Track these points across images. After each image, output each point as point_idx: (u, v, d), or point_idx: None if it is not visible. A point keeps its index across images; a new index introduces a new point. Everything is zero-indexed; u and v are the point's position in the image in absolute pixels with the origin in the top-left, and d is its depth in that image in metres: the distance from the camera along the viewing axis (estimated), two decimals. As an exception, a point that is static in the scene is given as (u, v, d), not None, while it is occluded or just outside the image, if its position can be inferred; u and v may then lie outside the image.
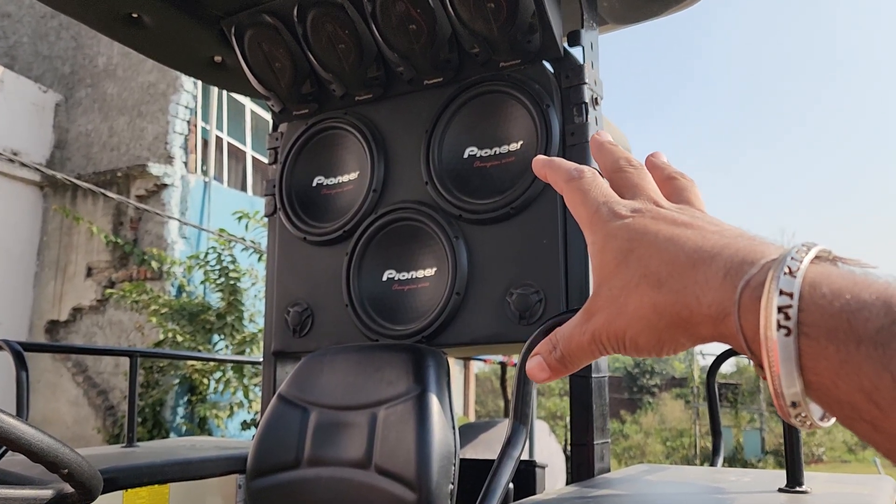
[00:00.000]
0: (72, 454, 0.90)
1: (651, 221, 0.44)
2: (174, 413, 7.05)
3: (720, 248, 0.39)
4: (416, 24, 1.69)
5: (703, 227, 0.42)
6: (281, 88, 1.95)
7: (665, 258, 0.41)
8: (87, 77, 8.70)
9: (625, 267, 0.43)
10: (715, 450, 1.74)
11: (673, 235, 0.42)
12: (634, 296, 0.42)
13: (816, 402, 0.35)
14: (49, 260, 8.28)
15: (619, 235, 0.44)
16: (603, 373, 1.54)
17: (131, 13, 1.89)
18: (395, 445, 1.48)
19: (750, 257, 0.37)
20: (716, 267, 0.38)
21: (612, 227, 0.45)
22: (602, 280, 0.45)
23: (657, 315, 0.41)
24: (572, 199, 0.50)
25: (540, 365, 0.49)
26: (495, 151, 1.69)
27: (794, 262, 0.35)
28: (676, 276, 0.40)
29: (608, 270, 0.44)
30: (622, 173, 0.51)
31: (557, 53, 1.64)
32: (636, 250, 0.43)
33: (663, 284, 0.40)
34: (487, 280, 1.65)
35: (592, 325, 0.45)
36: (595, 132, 0.55)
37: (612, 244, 0.44)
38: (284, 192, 1.96)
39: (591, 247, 0.47)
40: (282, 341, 1.93)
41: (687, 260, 0.40)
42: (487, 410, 21.71)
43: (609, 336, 0.44)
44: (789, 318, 0.33)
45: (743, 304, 0.36)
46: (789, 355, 0.33)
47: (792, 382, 0.34)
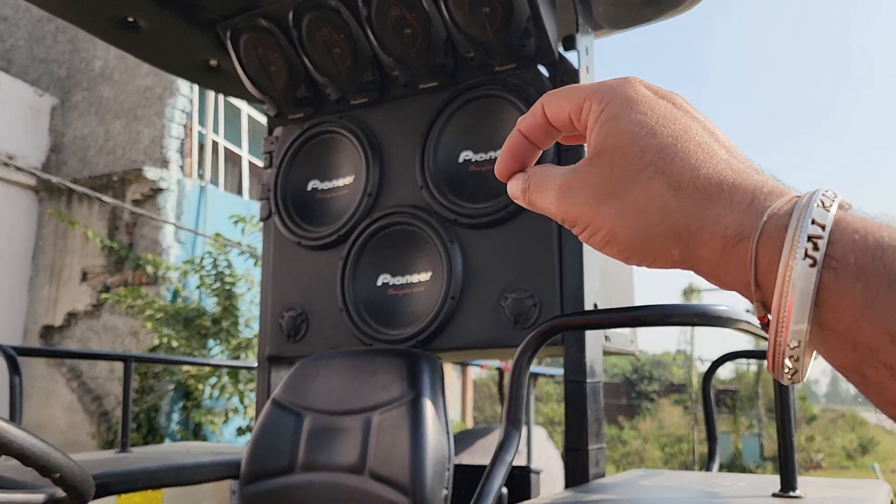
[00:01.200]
0: (64, 458, 0.90)
1: (678, 111, 0.40)
2: (169, 419, 7.03)
3: (748, 174, 0.37)
4: (411, 28, 1.69)
5: (730, 148, 0.39)
6: (276, 92, 1.95)
7: (691, 163, 0.37)
8: (83, 81, 8.68)
9: (639, 149, 0.38)
10: (710, 455, 1.74)
11: (703, 142, 0.38)
12: (641, 187, 0.38)
13: (823, 343, 0.33)
14: (44, 264, 8.26)
15: (642, 110, 0.39)
16: (598, 378, 1.53)
17: (127, 17, 1.89)
18: (389, 450, 1.47)
19: (779, 190, 0.35)
20: (743, 189, 0.36)
21: (632, 95, 0.40)
22: (603, 150, 0.40)
23: (661, 217, 0.37)
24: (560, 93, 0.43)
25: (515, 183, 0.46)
26: (490, 156, 1.69)
27: (826, 198, 0.33)
28: (699, 186, 0.36)
29: (615, 142, 0.39)
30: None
31: (553, 58, 1.65)
32: (659, 135, 0.38)
33: (681, 190, 0.37)
34: (482, 285, 1.64)
35: (570, 196, 0.41)
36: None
37: (631, 115, 0.39)
38: (279, 197, 1.96)
39: (601, 113, 0.40)
40: (276, 346, 1.93)
41: (714, 174, 0.37)
42: (485, 416, 21.68)
43: (583, 218, 0.40)
44: (817, 248, 0.32)
45: (766, 231, 0.34)
46: (808, 288, 0.32)
47: (802, 318, 0.32)
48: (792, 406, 1.19)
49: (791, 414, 1.18)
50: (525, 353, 1.01)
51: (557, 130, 0.45)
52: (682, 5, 1.74)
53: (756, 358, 2.09)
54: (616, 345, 1.73)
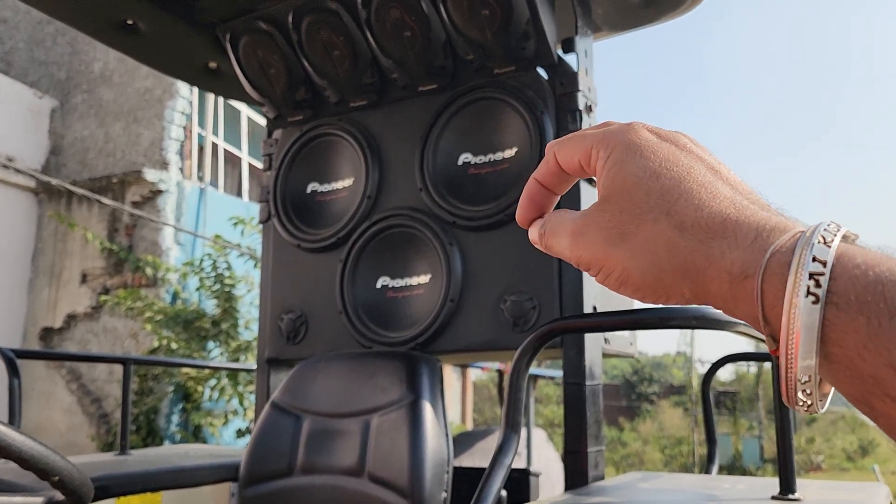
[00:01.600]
0: (62, 462, 0.90)
1: (681, 153, 0.41)
2: (168, 421, 7.02)
3: (752, 210, 0.38)
4: (410, 30, 1.69)
5: (733, 183, 0.40)
6: (275, 95, 1.95)
7: (695, 203, 0.38)
8: (83, 83, 8.69)
9: (645, 192, 0.40)
10: (710, 457, 1.74)
11: (706, 182, 0.40)
12: (648, 227, 0.39)
13: (831, 376, 0.34)
14: (43, 266, 8.26)
15: (645, 154, 0.41)
16: (597, 380, 1.53)
17: (126, 20, 1.89)
18: (388, 453, 1.47)
19: (782, 225, 0.36)
20: (747, 227, 0.37)
21: (635, 140, 0.42)
22: (610, 195, 0.41)
23: (669, 255, 0.38)
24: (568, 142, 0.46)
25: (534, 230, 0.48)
26: (489, 158, 1.69)
27: (828, 233, 0.34)
28: (703, 226, 0.38)
29: (622, 186, 0.41)
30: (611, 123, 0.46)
31: (552, 60, 1.65)
32: (662, 178, 0.40)
33: (686, 229, 0.38)
34: (481, 287, 1.64)
35: (582, 239, 0.42)
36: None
37: (636, 161, 0.41)
38: (279, 199, 1.96)
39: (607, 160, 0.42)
40: (275, 348, 1.93)
41: (718, 213, 0.38)
42: (485, 418, 21.67)
43: (597, 260, 0.42)
44: (819, 285, 0.32)
45: (769, 268, 0.35)
46: (812, 324, 0.32)
47: (810, 353, 0.33)
48: (791, 410, 1.19)
49: (790, 417, 1.18)
50: (524, 356, 1.01)
51: (571, 176, 0.47)
52: (681, 7, 1.74)
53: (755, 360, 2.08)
54: (615, 347, 1.73)
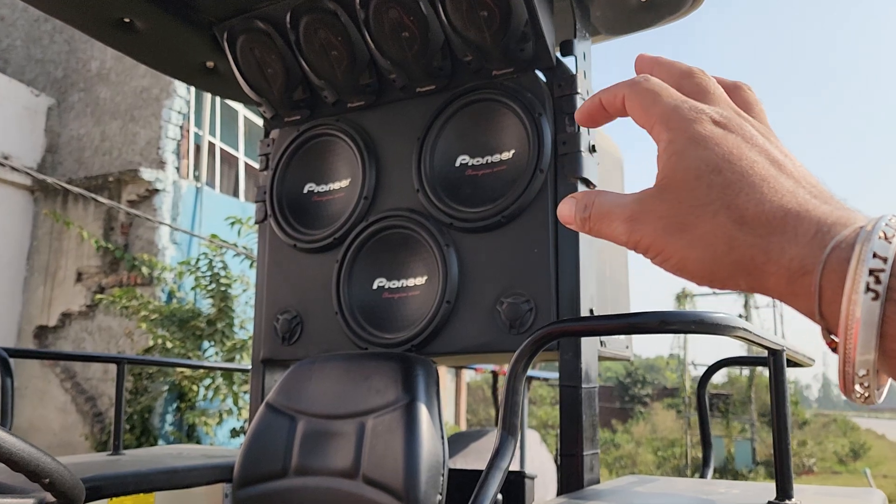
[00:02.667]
0: (53, 463, 0.89)
1: (744, 145, 0.41)
2: (163, 420, 7.00)
3: (813, 205, 0.37)
4: (408, 31, 1.69)
5: (796, 176, 0.40)
6: (273, 95, 1.94)
7: (756, 197, 0.38)
8: (79, 81, 8.67)
9: (706, 185, 0.40)
10: (705, 461, 1.74)
11: (768, 176, 0.39)
12: (708, 220, 0.39)
13: (890, 371, 0.34)
14: (38, 265, 8.23)
15: (708, 146, 0.40)
16: (593, 383, 1.53)
17: (123, 18, 1.88)
18: (383, 455, 1.46)
19: (843, 219, 0.36)
20: (807, 222, 0.37)
21: (700, 132, 0.41)
22: (670, 185, 0.41)
23: (728, 249, 0.38)
24: (641, 100, 0.44)
25: (570, 208, 0.47)
26: (487, 160, 1.68)
27: (889, 228, 0.34)
28: (763, 221, 0.38)
29: (683, 177, 0.41)
30: (695, 78, 0.46)
31: (550, 63, 1.64)
32: (724, 172, 0.39)
33: (746, 223, 0.38)
34: (478, 289, 1.64)
35: (640, 224, 0.42)
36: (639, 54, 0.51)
37: (697, 152, 0.41)
38: (275, 199, 1.95)
39: (668, 145, 0.42)
40: (271, 349, 1.92)
41: (779, 208, 0.38)
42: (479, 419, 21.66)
43: (654, 245, 0.41)
44: (879, 281, 0.32)
45: (829, 264, 0.35)
46: (872, 320, 0.32)
47: (868, 349, 0.33)
48: (788, 413, 1.19)
49: (787, 421, 1.18)
50: (521, 360, 1.01)
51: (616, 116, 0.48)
52: (679, 11, 1.74)
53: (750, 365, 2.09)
54: (612, 350, 1.73)
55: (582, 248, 1.56)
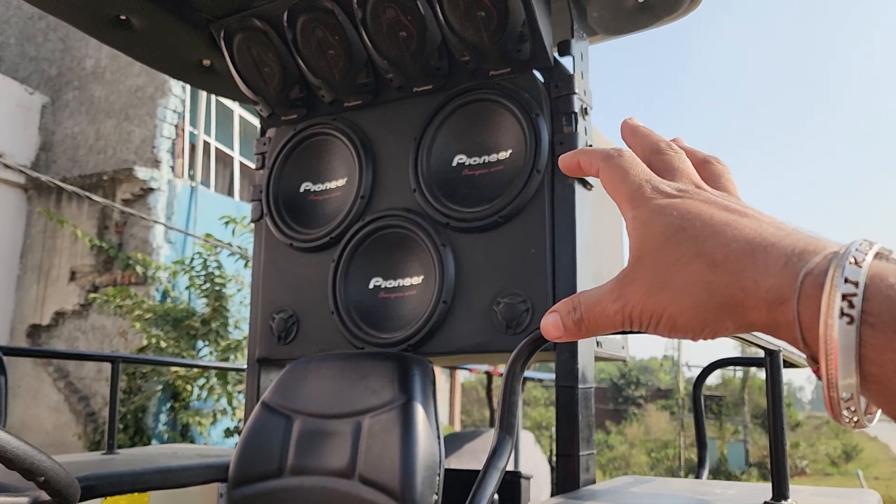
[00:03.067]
0: (48, 461, 0.89)
1: (702, 204, 0.43)
2: (156, 420, 6.98)
3: (779, 237, 0.39)
4: (406, 31, 1.69)
5: (756, 217, 0.42)
6: (269, 93, 1.94)
7: (721, 240, 0.40)
8: (74, 79, 8.64)
9: (675, 243, 0.42)
10: (700, 462, 1.74)
11: (729, 220, 0.41)
12: (684, 272, 0.41)
13: (873, 395, 0.34)
14: (32, 263, 8.20)
15: (668, 213, 0.43)
16: (589, 384, 1.53)
17: (119, 15, 1.87)
18: (379, 455, 1.46)
19: (812, 247, 0.37)
20: (776, 253, 0.38)
21: (660, 204, 0.44)
22: (644, 253, 0.44)
23: (708, 293, 0.40)
24: (611, 176, 0.48)
25: (555, 323, 0.48)
26: (484, 160, 1.68)
27: (859, 253, 0.35)
28: (734, 259, 0.39)
29: (654, 244, 0.43)
30: (662, 155, 0.49)
31: (547, 63, 1.64)
32: (688, 229, 0.42)
33: (718, 266, 0.39)
34: (474, 289, 1.64)
35: (626, 295, 0.44)
36: (624, 119, 0.54)
37: (661, 219, 0.43)
38: (271, 198, 1.95)
39: (634, 221, 0.45)
40: (266, 348, 1.92)
41: (746, 245, 0.39)
42: (473, 420, 21.66)
43: (644, 310, 0.43)
44: (853, 306, 0.33)
45: (804, 291, 0.35)
46: (849, 344, 0.33)
47: (849, 373, 0.33)
48: (783, 415, 1.19)
49: (783, 423, 1.18)
50: (518, 360, 1.01)
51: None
52: (677, 11, 1.74)
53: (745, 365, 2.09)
54: (607, 350, 1.73)
55: (578, 248, 1.56)
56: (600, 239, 1.73)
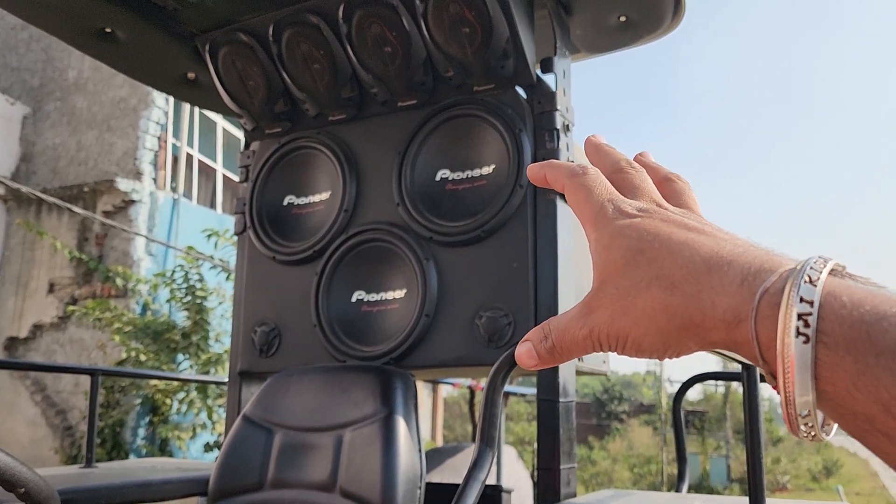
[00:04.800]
0: (29, 473, 0.88)
1: (661, 223, 0.44)
2: (134, 434, 6.90)
3: (736, 255, 0.39)
4: (391, 46, 1.70)
5: (715, 234, 0.42)
6: (254, 107, 1.95)
7: (679, 261, 0.41)
8: (56, 90, 8.59)
9: (634, 266, 0.42)
10: (680, 475, 1.75)
11: (687, 239, 0.42)
12: (644, 296, 0.41)
13: (828, 412, 0.35)
14: (10, 275, 8.10)
15: (628, 234, 0.44)
16: (570, 397, 1.54)
17: (105, 28, 1.88)
18: (360, 468, 1.46)
19: (767, 265, 0.37)
20: (732, 273, 0.38)
21: (620, 225, 0.45)
22: (606, 277, 0.44)
23: (668, 316, 0.40)
24: (575, 195, 0.49)
25: (529, 352, 0.48)
26: (467, 174, 1.70)
27: (814, 271, 0.35)
28: (691, 280, 0.39)
29: (614, 268, 0.44)
30: (623, 174, 0.50)
31: (530, 80, 1.66)
32: (647, 251, 0.42)
33: (677, 287, 0.40)
34: (457, 302, 1.65)
35: (592, 320, 0.44)
36: (587, 136, 0.55)
37: (620, 242, 0.44)
38: (255, 211, 1.95)
39: (596, 243, 0.46)
40: (248, 361, 1.91)
41: (702, 264, 0.39)
42: (455, 435, 21.58)
43: (610, 334, 0.44)
44: (808, 325, 0.33)
45: (760, 311, 0.36)
46: (805, 363, 0.33)
47: (806, 390, 0.34)
48: (761, 429, 1.21)
49: (760, 437, 1.19)
50: (499, 373, 1.02)
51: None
52: (658, 30, 1.77)
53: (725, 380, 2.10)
54: (589, 364, 1.74)
55: (560, 263, 1.58)
56: (582, 252, 1.75)
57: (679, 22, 1.76)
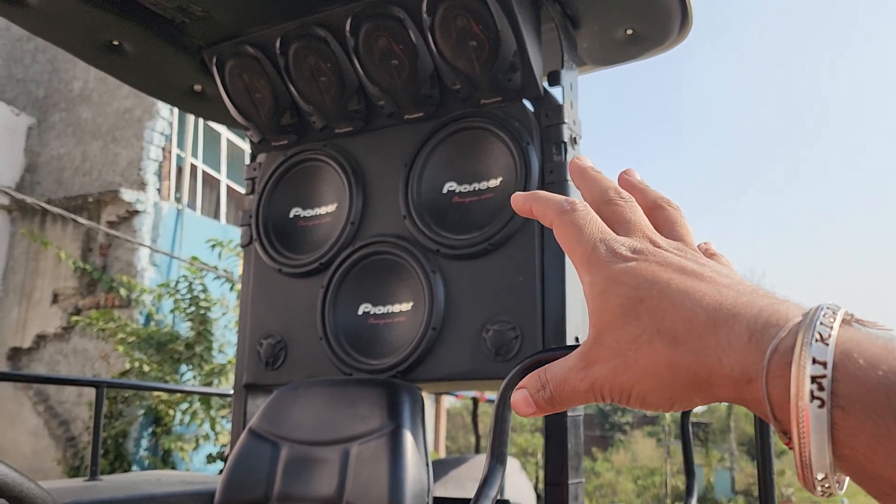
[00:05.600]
0: (37, 489, 0.87)
1: (658, 268, 0.42)
2: (137, 445, 6.88)
3: (740, 305, 0.38)
4: (398, 59, 1.71)
5: (715, 279, 0.41)
6: (260, 119, 1.95)
7: (681, 314, 0.39)
8: (61, 101, 8.62)
9: (634, 318, 0.41)
10: (689, 491, 1.74)
11: (687, 288, 0.40)
12: (646, 351, 0.40)
13: (847, 473, 0.34)
14: (14, 285, 8.11)
15: (624, 281, 0.42)
16: (578, 411, 1.53)
17: (112, 41, 1.88)
18: (367, 482, 1.45)
19: (774, 319, 0.36)
20: (739, 328, 0.36)
21: (615, 271, 0.43)
22: (604, 327, 0.43)
23: (672, 373, 0.39)
24: (565, 234, 0.47)
25: (526, 400, 0.47)
26: (474, 187, 1.70)
27: (824, 327, 0.34)
28: (695, 336, 0.38)
29: (611, 318, 0.42)
30: (612, 206, 0.48)
31: (538, 92, 1.66)
32: (646, 300, 0.40)
33: (680, 343, 0.38)
34: (464, 316, 1.64)
35: (593, 374, 0.43)
36: (574, 157, 0.53)
37: (617, 290, 0.42)
38: (261, 223, 1.95)
39: (591, 288, 0.44)
40: (254, 374, 1.90)
41: (706, 318, 0.38)
42: (458, 446, 21.51)
43: (613, 388, 0.42)
44: (823, 388, 0.32)
45: (771, 371, 0.35)
46: (822, 427, 0.32)
47: (823, 455, 0.33)
48: (771, 442, 1.20)
49: (770, 449, 1.18)
50: (509, 388, 1.00)
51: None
52: (665, 43, 1.77)
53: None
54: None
55: (568, 276, 1.57)
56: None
57: (686, 35, 1.77)
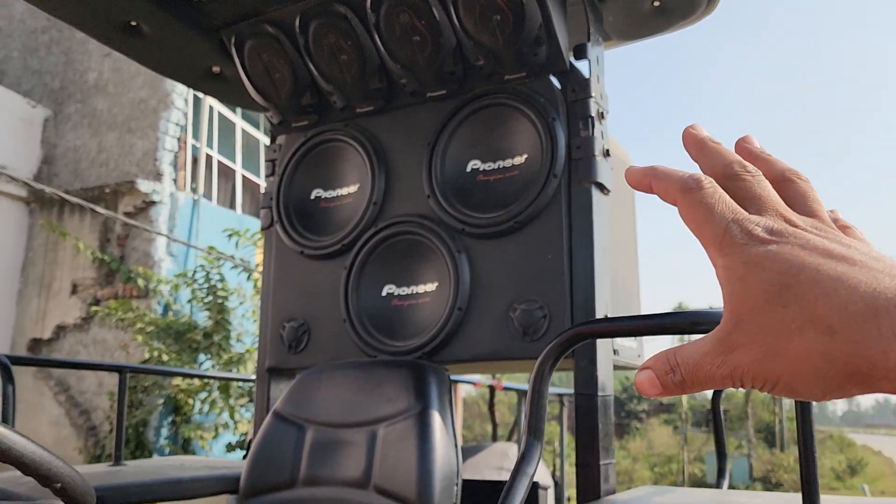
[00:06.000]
0: (66, 468, 0.86)
1: (802, 252, 0.40)
2: (157, 434, 6.92)
3: None
4: (420, 35, 1.67)
5: (867, 263, 0.38)
6: (280, 100, 1.92)
7: (836, 302, 0.37)
8: (76, 92, 8.64)
9: (781, 305, 0.38)
10: (720, 472, 1.70)
11: (839, 274, 0.38)
12: (797, 340, 0.38)
13: None
14: (33, 276, 8.17)
15: (767, 266, 0.39)
16: (609, 392, 1.50)
17: (130, 21, 1.86)
18: (395, 464, 1.43)
19: None
20: None
21: (754, 254, 0.40)
22: (745, 314, 0.40)
23: (828, 364, 0.37)
24: (693, 214, 0.44)
25: (651, 381, 0.45)
26: (499, 165, 1.66)
27: None
28: (854, 326, 0.36)
29: (754, 304, 0.40)
30: (738, 181, 0.45)
31: (563, 67, 1.63)
32: (793, 287, 0.38)
33: (836, 332, 0.36)
34: (490, 295, 1.61)
35: (734, 360, 0.41)
36: (688, 126, 0.50)
37: (759, 275, 0.40)
38: (282, 205, 1.92)
39: (726, 272, 0.41)
40: (277, 357, 1.89)
41: (865, 307, 0.36)
42: (475, 435, 21.54)
43: (756, 376, 0.40)
44: None
45: None
46: None
47: None
48: (812, 423, 1.16)
49: (811, 431, 1.15)
50: (546, 362, 0.98)
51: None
52: (692, 15, 1.73)
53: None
54: (624, 359, 1.70)
55: (597, 254, 1.54)
56: (615, 244, 1.71)
57: (714, 6, 1.72)
